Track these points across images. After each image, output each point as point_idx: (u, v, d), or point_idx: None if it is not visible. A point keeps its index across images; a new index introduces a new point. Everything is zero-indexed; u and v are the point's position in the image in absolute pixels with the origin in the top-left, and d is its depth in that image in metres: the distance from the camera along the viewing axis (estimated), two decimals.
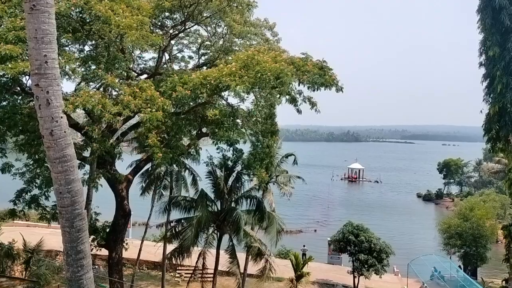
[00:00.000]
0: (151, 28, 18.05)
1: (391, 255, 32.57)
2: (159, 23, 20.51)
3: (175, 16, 20.34)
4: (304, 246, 41.55)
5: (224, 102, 19.44)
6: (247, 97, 16.92)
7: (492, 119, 18.18)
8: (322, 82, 14.65)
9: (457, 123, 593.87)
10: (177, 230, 25.22)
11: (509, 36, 17.38)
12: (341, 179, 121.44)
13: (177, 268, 32.15)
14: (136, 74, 21.34)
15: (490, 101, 18.31)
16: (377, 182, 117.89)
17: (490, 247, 41.54)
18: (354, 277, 32.43)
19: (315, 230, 59.84)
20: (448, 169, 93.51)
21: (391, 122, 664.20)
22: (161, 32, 20.05)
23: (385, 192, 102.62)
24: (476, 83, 19.21)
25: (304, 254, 37.04)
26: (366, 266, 31.02)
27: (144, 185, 27.77)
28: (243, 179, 24.96)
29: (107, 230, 22.17)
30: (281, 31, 21.99)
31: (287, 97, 15.43)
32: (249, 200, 24.81)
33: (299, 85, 15.22)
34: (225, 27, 20.34)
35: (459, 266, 40.00)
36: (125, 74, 17.89)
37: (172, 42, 22.12)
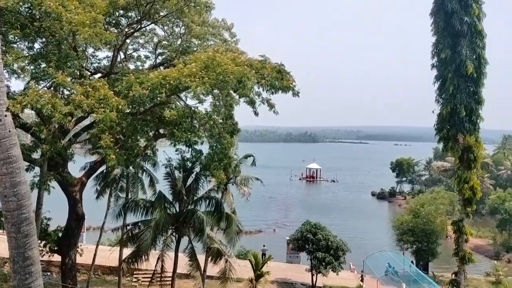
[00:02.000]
0: (105, 26, 17.51)
1: (348, 252, 33.36)
2: (114, 21, 19.96)
3: (130, 14, 19.87)
4: (264, 246, 41.76)
5: (182, 103, 19.20)
6: (205, 99, 16.81)
7: (444, 119, 19.01)
8: (280, 86, 14.75)
9: (409, 123, 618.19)
10: (133, 233, 24.59)
11: (460, 40, 18.24)
12: (299, 179, 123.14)
13: (134, 272, 31.39)
14: (89, 73, 20.65)
15: (442, 102, 19.13)
16: (334, 181, 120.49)
17: (440, 243, 43.50)
18: (312, 275, 32.95)
19: (274, 230, 60.34)
20: (401, 168, 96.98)
21: (347, 123, 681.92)
22: (116, 31, 19.51)
23: (341, 191, 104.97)
24: (425, 85, 20.01)
25: (263, 254, 37.23)
26: (323, 263, 31.60)
27: (98, 188, 26.93)
28: (202, 180, 24.74)
29: (60, 235, 21.31)
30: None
31: (246, 99, 15.43)
32: (208, 201, 24.62)
33: (258, 88, 15.26)
34: (183, 27, 20.09)
35: (412, 262, 41.57)
36: (78, 73, 17.25)
37: (128, 41, 21.60)
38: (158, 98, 14.90)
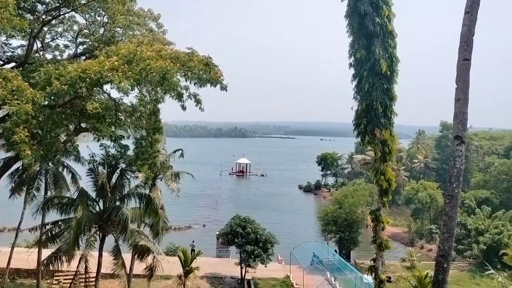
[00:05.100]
0: (19, 11, 16.26)
1: (276, 244, 34.29)
2: (29, 7, 18.59)
3: (47, 0, 18.63)
4: (193, 241, 41.61)
5: (106, 95, 18.40)
6: (131, 91, 16.25)
7: (361, 115, 20.07)
8: (208, 78, 14.64)
9: (333, 119, 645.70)
10: (53, 233, 23.27)
11: (373, 40, 19.33)
12: (229, 174, 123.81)
13: (55, 274, 29.76)
14: (1, 63, 19.08)
15: (359, 98, 20.18)
16: (263, 176, 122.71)
17: (361, 232, 46.11)
18: (242, 268, 33.41)
19: (204, 225, 60.17)
20: (325, 162, 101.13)
21: (276, 118, 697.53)
22: (31, 17, 18.20)
23: (270, 185, 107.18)
24: (347, 83, 20.96)
25: (192, 250, 37.05)
26: (252, 256, 32.20)
27: (13, 185, 25.12)
28: (128, 176, 24.00)
29: None
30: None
31: (173, 93, 15.14)
32: (135, 197, 23.97)
33: (185, 81, 15.03)
34: (106, 16, 19.23)
35: (335, 251, 43.69)
36: None
37: (45, 28, 20.23)
38: (79, 93, 14.14)
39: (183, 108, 15.51)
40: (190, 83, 14.62)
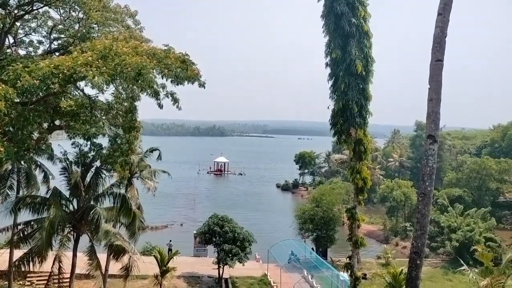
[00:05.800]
0: None
1: (253, 243, 34.35)
2: (0, 1, 18.06)
3: None
4: (170, 241, 41.30)
5: (80, 92, 18.04)
6: (106, 87, 15.98)
7: (337, 114, 20.31)
8: (184, 76, 14.51)
9: (311, 118, 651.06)
10: (26, 233, 22.70)
11: (349, 40, 19.57)
12: (207, 173, 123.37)
13: (27, 275, 29.06)
14: None
15: (335, 98, 20.41)
16: (241, 174, 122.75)
17: (337, 230, 46.64)
18: (219, 267, 33.34)
19: (182, 225, 59.75)
20: (303, 161, 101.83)
21: (254, 117, 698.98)
22: (3, 12, 17.69)
23: (248, 184, 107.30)
24: (323, 82, 21.16)
25: (170, 249, 36.79)
26: (230, 255, 32.17)
27: None
28: (103, 175, 23.61)
29: None
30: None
31: (149, 90, 14.97)
32: (110, 196, 23.58)
33: (162, 78, 14.87)
34: (81, 11, 18.85)
35: (312, 249, 44.08)
36: None
37: (18, 23, 19.70)
38: (52, 89, 13.82)
39: (160, 106, 15.37)
40: (167, 80, 14.48)
